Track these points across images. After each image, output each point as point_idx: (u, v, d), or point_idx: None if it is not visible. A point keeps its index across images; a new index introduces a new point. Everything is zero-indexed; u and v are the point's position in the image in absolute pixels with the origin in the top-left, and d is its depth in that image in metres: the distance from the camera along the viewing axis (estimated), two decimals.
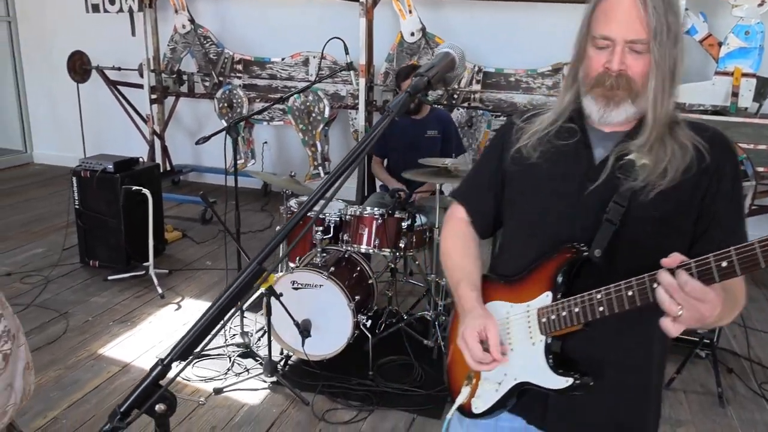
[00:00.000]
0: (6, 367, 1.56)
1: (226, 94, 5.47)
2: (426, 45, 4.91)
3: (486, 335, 1.19)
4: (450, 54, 1.03)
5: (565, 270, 1.20)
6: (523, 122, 1.34)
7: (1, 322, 1.55)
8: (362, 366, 2.98)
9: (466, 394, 1.29)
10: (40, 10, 6.68)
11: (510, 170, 1.33)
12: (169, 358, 0.85)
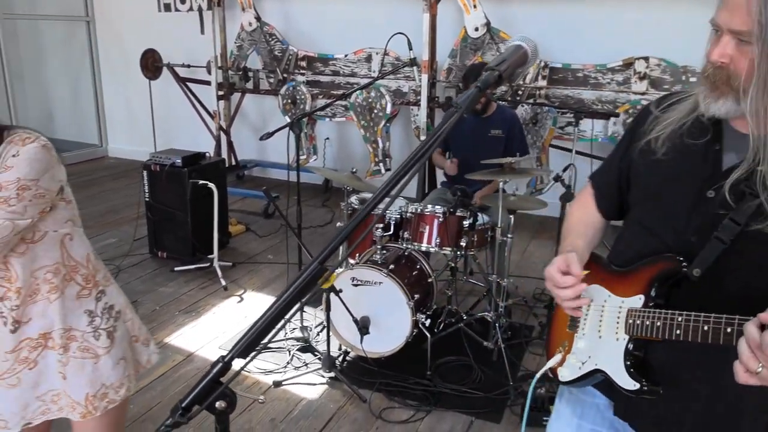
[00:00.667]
0: (113, 343, 1.63)
1: (289, 91, 5.55)
2: (491, 40, 4.82)
3: (567, 265, 1.22)
4: (522, 47, 0.98)
5: (660, 280, 1.18)
6: (660, 111, 1.24)
7: (102, 300, 1.62)
8: (420, 365, 2.95)
9: (557, 360, 1.33)
10: (116, 10, 6.98)
11: (636, 162, 1.28)
12: (230, 355, 0.85)
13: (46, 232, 1.49)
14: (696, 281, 1.12)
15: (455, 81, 4.98)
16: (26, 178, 1.40)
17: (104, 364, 1.60)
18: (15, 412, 1.55)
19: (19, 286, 1.47)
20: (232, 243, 4.65)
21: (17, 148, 1.41)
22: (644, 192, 1.27)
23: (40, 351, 1.54)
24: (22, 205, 1.40)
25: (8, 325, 1.49)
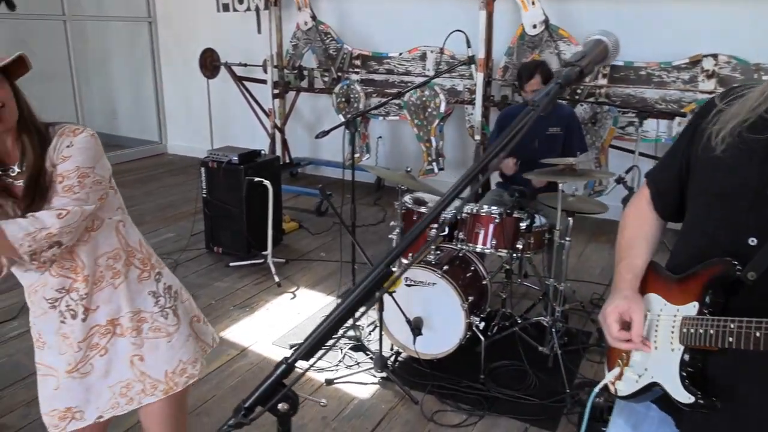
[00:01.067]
0: (179, 321, 1.68)
1: (344, 89, 5.57)
2: (549, 38, 4.70)
3: (630, 317, 1.19)
4: (602, 41, 0.93)
5: (713, 286, 1.12)
6: (724, 104, 1.16)
7: (161, 281, 1.66)
8: (473, 368, 2.90)
9: (614, 374, 1.30)
10: (177, 10, 7.17)
11: (695, 157, 1.21)
12: (293, 357, 0.83)
13: (103, 220, 1.53)
14: (752, 285, 1.05)
15: (511, 79, 4.88)
16: (84, 166, 1.45)
17: (177, 341, 1.66)
18: (90, 400, 1.60)
19: (86, 274, 1.52)
20: (285, 240, 4.69)
21: (70, 138, 1.45)
22: (701, 190, 1.21)
23: (110, 338, 1.59)
24: (84, 192, 1.44)
25: (79, 315, 1.54)
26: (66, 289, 1.52)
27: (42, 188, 1.42)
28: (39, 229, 1.36)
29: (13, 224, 1.35)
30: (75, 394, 1.59)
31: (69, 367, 1.56)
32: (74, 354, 1.56)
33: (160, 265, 1.70)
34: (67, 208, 1.41)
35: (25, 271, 1.48)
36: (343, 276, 3.68)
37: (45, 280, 1.50)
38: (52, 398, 1.60)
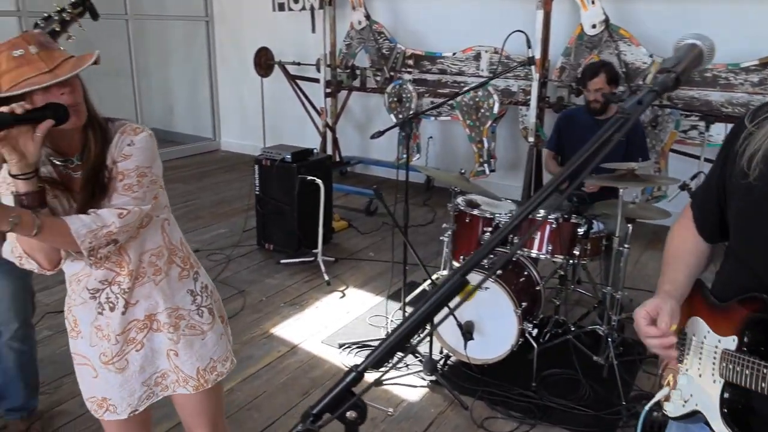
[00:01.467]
0: (214, 320, 1.70)
1: (396, 89, 5.55)
2: (609, 38, 4.57)
3: (657, 314, 1.17)
4: (697, 46, 0.88)
5: (751, 323, 1.08)
6: (754, 125, 1.09)
7: (198, 279, 1.69)
8: (525, 376, 2.84)
9: (663, 394, 1.29)
10: (233, 10, 7.30)
11: (730, 183, 1.16)
12: (363, 365, 0.82)
13: (151, 218, 1.55)
14: None
15: (568, 80, 4.78)
16: (143, 165, 1.47)
17: (210, 340, 1.68)
18: (123, 397, 1.63)
19: (131, 269, 1.54)
20: (335, 238, 4.72)
21: (131, 137, 1.47)
22: (737, 220, 1.15)
23: (146, 333, 1.61)
24: (142, 191, 1.47)
25: (119, 308, 1.55)
26: (108, 281, 1.54)
27: (101, 183, 1.44)
28: (100, 227, 1.38)
29: (77, 220, 1.37)
30: (110, 387, 1.62)
31: (105, 358, 1.59)
32: (110, 346, 1.58)
33: (198, 264, 1.72)
34: (127, 208, 1.43)
35: (72, 260, 1.49)
36: (394, 277, 3.67)
37: (89, 271, 1.52)
38: (91, 386, 1.64)
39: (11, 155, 1.28)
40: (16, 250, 1.43)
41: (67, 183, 1.47)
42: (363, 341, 3.21)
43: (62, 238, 1.36)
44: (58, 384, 2.86)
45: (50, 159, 1.44)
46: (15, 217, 1.25)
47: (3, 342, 2.36)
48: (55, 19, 1.81)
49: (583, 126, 3.40)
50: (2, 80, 1.31)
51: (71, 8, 1.81)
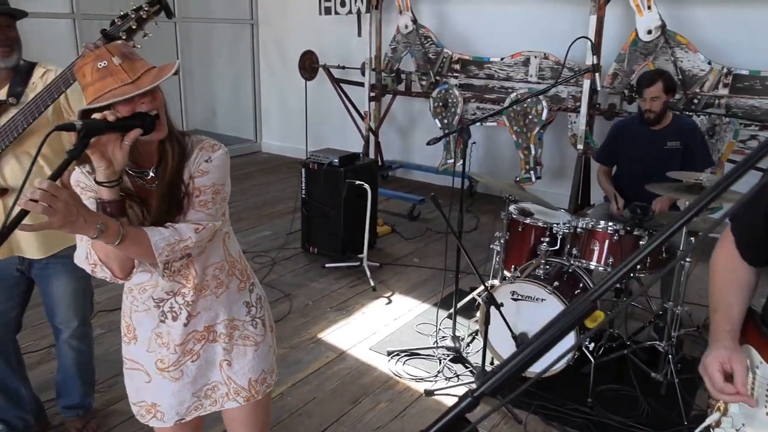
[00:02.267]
0: (266, 331, 1.70)
1: (441, 94, 5.51)
2: (665, 44, 4.44)
3: (731, 367, 1.15)
4: None
5: None
6: None
7: (254, 291, 1.68)
8: (580, 391, 2.76)
9: (713, 419, 1.25)
10: (279, 13, 7.35)
11: None
12: (480, 391, 0.78)
13: (216, 232, 1.54)
14: None
15: (620, 87, 4.66)
16: (218, 183, 1.48)
17: (261, 351, 1.68)
18: (172, 405, 1.62)
19: (196, 282, 1.54)
20: (378, 243, 4.69)
21: (209, 154, 1.47)
22: None
23: (203, 344, 1.60)
24: (215, 208, 1.47)
25: (181, 319, 1.55)
26: (174, 292, 1.54)
27: (177, 198, 1.45)
28: (178, 241, 1.39)
29: (156, 233, 1.37)
30: (161, 393, 1.61)
31: (162, 365, 1.58)
32: (169, 354, 1.58)
33: (253, 275, 1.73)
34: (202, 223, 1.44)
35: (140, 270, 1.49)
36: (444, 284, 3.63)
37: (157, 281, 1.53)
38: (141, 390, 1.63)
39: (100, 162, 1.28)
40: (90, 257, 1.43)
41: (142, 194, 1.47)
42: (412, 349, 3.17)
43: (142, 249, 1.36)
44: (112, 383, 2.89)
45: (126, 170, 1.44)
46: (102, 225, 1.25)
47: (63, 340, 2.39)
48: (132, 17, 1.83)
49: (638, 136, 3.30)
50: (87, 92, 1.33)
51: (148, 6, 1.83)
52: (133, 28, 1.84)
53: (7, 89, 2.05)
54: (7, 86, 2.06)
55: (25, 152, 2.07)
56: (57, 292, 2.28)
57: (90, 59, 1.32)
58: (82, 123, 1.22)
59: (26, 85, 2.07)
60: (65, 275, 2.27)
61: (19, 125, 1.96)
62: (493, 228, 4.39)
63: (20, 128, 1.97)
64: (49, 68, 2.13)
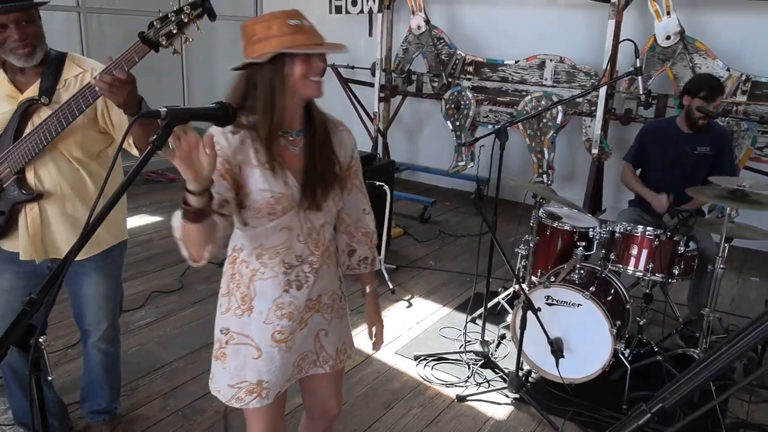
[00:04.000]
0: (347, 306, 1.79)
1: (454, 96, 5.47)
2: (683, 50, 4.44)
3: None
4: None
5: None
6: None
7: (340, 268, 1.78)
8: (614, 396, 2.73)
9: None
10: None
11: None
12: (657, 407, 0.73)
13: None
14: None
15: (636, 92, 4.65)
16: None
17: (346, 323, 1.77)
18: (278, 379, 1.60)
19: (322, 251, 1.59)
20: (392, 245, 4.63)
21: (347, 134, 1.67)
22: None
23: (312, 314, 1.62)
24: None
25: (305, 287, 1.57)
26: (303, 259, 1.55)
27: (331, 162, 1.56)
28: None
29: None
30: (271, 368, 1.57)
31: (280, 336, 1.56)
32: (288, 325, 1.57)
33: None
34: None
35: (279, 230, 1.50)
36: (463, 287, 3.59)
37: (291, 244, 1.53)
38: (244, 368, 1.57)
39: (187, 172, 1.24)
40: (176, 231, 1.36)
41: (284, 155, 1.50)
42: (439, 354, 3.12)
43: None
44: (134, 386, 2.80)
45: (277, 132, 1.48)
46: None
47: (91, 343, 2.30)
48: (172, 20, 1.69)
49: (672, 139, 3.27)
50: (270, 42, 1.39)
51: (190, 9, 1.68)
52: (173, 32, 1.72)
53: (38, 85, 1.94)
54: (38, 82, 1.94)
55: (61, 154, 1.97)
56: (88, 292, 2.19)
57: (281, 15, 1.41)
58: (167, 110, 1.16)
59: (57, 81, 1.96)
60: (97, 275, 2.18)
61: (53, 128, 1.85)
62: (506, 231, 4.35)
63: (54, 132, 1.86)
64: (83, 68, 2.00)
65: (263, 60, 1.38)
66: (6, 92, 1.94)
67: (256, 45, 1.41)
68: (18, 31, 1.82)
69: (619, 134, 5.13)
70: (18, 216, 2.01)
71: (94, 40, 6.12)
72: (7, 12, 1.79)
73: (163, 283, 3.87)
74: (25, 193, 1.96)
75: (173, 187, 6.08)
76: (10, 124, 1.93)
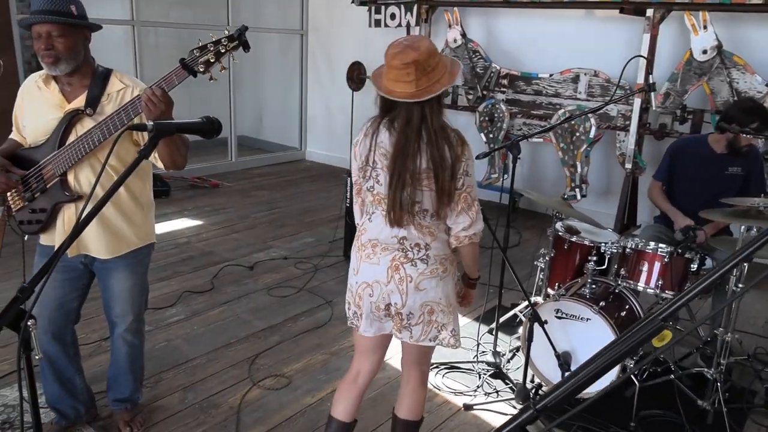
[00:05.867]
0: None
1: (488, 108, 5.51)
2: (720, 64, 4.36)
3: None
4: None
5: None
6: None
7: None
8: (622, 413, 2.72)
9: None
10: (328, 24, 7.47)
11: None
12: (541, 404, 0.79)
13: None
14: None
15: (672, 107, 4.59)
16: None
17: None
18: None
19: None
20: None
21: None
22: None
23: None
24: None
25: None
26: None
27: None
28: None
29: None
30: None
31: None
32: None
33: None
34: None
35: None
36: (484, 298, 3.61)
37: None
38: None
39: None
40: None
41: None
42: (451, 362, 3.17)
43: None
44: (158, 379, 2.97)
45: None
46: None
47: (117, 334, 2.48)
48: (210, 50, 1.88)
49: (703, 160, 3.21)
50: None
51: (227, 41, 1.88)
52: (210, 61, 1.89)
53: (84, 97, 2.14)
54: (84, 94, 2.14)
55: (99, 161, 2.17)
56: (116, 287, 2.37)
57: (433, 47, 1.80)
58: (153, 124, 1.28)
59: (101, 95, 2.16)
60: (124, 271, 2.35)
61: (96, 138, 2.05)
62: (535, 244, 4.36)
63: (97, 141, 2.06)
64: (126, 83, 2.19)
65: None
66: (55, 101, 2.16)
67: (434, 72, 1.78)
68: (45, 41, 2.02)
69: (654, 149, 5.06)
70: (57, 214, 2.22)
71: (147, 52, 6.46)
72: (38, 23, 2.02)
73: (195, 284, 4.06)
74: (67, 194, 2.17)
75: (216, 192, 6.34)
76: (56, 130, 2.13)
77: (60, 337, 2.39)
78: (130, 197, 2.28)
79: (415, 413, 2.24)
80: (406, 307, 1.98)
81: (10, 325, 1.08)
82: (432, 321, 2.01)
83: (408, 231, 1.94)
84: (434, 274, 1.96)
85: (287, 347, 3.31)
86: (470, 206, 1.90)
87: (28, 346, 1.09)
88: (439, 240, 1.97)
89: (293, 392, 2.89)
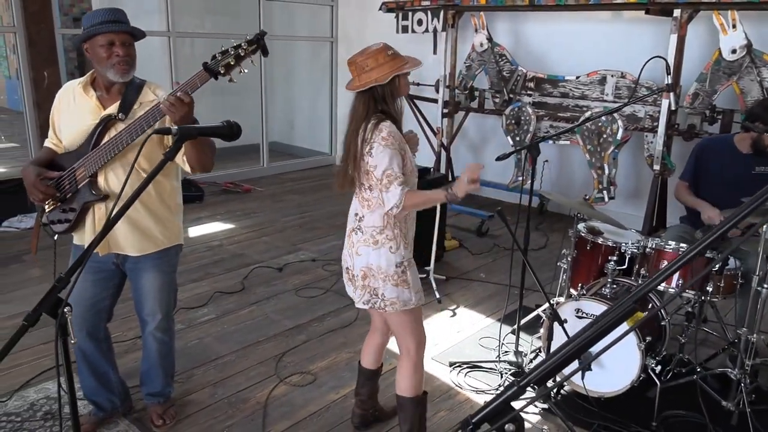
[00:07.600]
0: None
1: (514, 111, 5.53)
2: (750, 63, 4.30)
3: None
4: None
5: None
6: None
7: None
8: (644, 413, 2.72)
9: None
10: (357, 31, 7.59)
11: None
12: (525, 381, 0.85)
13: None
14: None
15: (701, 107, 4.54)
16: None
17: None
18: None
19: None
20: (445, 257, 4.75)
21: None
22: None
23: None
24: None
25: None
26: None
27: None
28: None
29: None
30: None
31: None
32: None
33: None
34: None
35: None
36: (506, 299, 3.65)
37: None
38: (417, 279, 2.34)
39: None
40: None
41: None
42: (474, 362, 3.21)
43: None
44: (189, 375, 3.09)
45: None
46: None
47: (148, 331, 2.60)
48: (231, 53, 2.01)
49: (730, 159, 3.19)
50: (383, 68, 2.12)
51: (247, 45, 2.01)
52: (231, 64, 2.01)
53: (118, 104, 2.27)
54: (119, 101, 2.28)
55: (128, 162, 2.29)
56: (146, 286, 2.49)
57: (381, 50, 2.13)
58: (177, 128, 1.38)
59: (134, 102, 2.29)
60: (154, 270, 2.47)
61: (124, 140, 2.18)
62: (562, 246, 4.36)
63: (125, 143, 2.18)
64: (157, 96, 2.32)
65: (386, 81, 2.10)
66: (92, 107, 2.30)
67: (372, 72, 2.10)
68: (123, 49, 2.19)
69: (684, 150, 5.00)
70: (87, 214, 2.35)
71: (182, 61, 6.67)
72: (120, 32, 2.18)
73: (226, 285, 4.19)
74: (95, 194, 2.29)
75: (248, 197, 6.50)
76: (91, 134, 2.27)
77: (93, 334, 2.52)
78: (159, 199, 2.40)
79: (401, 388, 2.40)
80: (352, 269, 2.29)
81: (49, 312, 1.19)
82: (366, 286, 2.25)
83: (353, 202, 2.33)
84: (367, 243, 2.24)
85: (313, 345, 3.40)
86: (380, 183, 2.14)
87: (65, 332, 1.20)
88: (374, 213, 2.23)
89: (318, 389, 2.98)
